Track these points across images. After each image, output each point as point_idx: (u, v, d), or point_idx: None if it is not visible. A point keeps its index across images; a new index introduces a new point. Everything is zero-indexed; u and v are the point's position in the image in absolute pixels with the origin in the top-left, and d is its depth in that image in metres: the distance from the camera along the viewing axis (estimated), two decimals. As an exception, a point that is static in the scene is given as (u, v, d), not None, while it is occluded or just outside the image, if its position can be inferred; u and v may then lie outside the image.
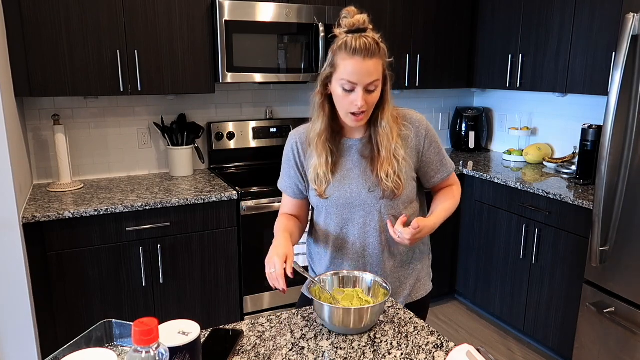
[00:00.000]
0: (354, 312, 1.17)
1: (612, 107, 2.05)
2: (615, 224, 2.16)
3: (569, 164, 3.07)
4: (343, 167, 1.44)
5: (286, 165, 1.52)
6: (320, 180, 1.43)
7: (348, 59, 1.28)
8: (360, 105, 1.30)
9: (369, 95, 1.32)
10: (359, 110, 1.32)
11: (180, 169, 2.88)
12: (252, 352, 1.13)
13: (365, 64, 1.27)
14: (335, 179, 1.43)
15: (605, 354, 2.26)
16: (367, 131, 1.45)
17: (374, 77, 1.30)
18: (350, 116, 1.34)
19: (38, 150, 2.69)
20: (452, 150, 3.79)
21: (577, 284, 2.46)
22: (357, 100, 1.30)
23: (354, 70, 1.28)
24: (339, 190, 1.43)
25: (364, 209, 1.43)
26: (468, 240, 3.22)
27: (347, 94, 1.31)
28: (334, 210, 1.45)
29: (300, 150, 1.48)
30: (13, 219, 2.05)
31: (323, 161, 1.41)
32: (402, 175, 1.40)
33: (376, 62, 1.29)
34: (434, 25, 3.24)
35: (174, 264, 2.48)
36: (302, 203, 1.55)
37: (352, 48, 1.27)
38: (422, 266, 1.57)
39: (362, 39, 1.27)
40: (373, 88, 1.32)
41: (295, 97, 3.28)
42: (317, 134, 1.41)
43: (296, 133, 1.51)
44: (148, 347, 0.77)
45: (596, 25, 2.58)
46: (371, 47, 1.28)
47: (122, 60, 2.45)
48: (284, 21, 2.68)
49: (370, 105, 1.34)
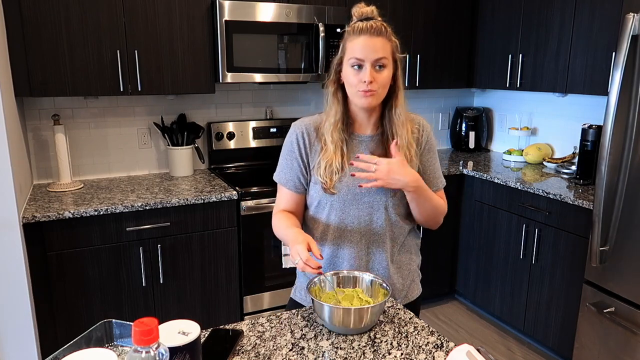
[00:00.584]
0: (354, 312, 1.17)
1: (612, 107, 2.05)
2: (615, 224, 2.16)
3: (569, 164, 3.07)
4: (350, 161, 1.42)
5: (288, 156, 1.46)
6: (332, 172, 1.39)
7: (355, 38, 1.32)
8: (368, 80, 1.31)
9: (378, 73, 1.32)
10: (368, 88, 1.32)
11: (180, 169, 2.88)
12: (252, 352, 1.13)
13: (371, 41, 1.31)
14: (345, 173, 1.40)
15: (605, 354, 2.26)
16: (379, 128, 1.43)
17: (381, 54, 1.31)
18: (359, 93, 1.34)
19: (38, 150, 2.69)
20: (452, 150, 3.79)
21: (577, 284, 2.46)
22: (365, 76, 1.31)
23: (360, 47, 1.31)
24: (348, 185, 1.41)
25: (372, 205, 1.41)
26: (468, 240, 3.22)
27: (357, 72, 1.33)
28: (339, 206, 1.42)
29: (306, 141, 1.44)
30: (13, 219, 2.05)
31: (339, 151, 1.39)
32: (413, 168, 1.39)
33: (383, 41, 1.32)
34: (434, 25, 3.24)
35: (174, 264, 2.48)
36: (301, 198, 1.49)
37: (359, 29, 1.32)
38: (416, 267, 1.57)
39: (369, 22, 1.32)
40: (381, 64, 1.32)
41: (295, 97, 3.28)
42: (331, 123, 1.39)
43: (301, 123, 1.47)
44: (148, 347, 0.77)
45: (596, 25, 2.58)
46: (377, 28, 1.32)
47: (122, 60, 2.46)
48: (284, 21, 2.68)
49: (380, 83, 1.33)
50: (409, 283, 1.53)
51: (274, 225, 1.48)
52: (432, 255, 3.15)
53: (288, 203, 1.49)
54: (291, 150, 1.45)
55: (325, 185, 1.41)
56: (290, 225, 1.39)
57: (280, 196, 1.51)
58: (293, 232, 1.34)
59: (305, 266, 1.23)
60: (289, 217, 1.46)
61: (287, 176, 1.47)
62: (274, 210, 1.52)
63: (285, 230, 1.39)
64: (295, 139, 1.45)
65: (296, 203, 1.49)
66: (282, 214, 1.47)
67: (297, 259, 1.25)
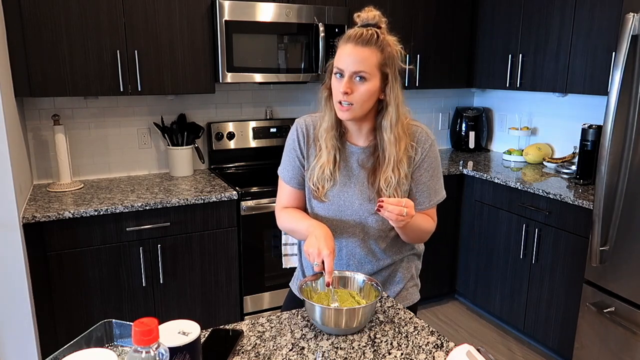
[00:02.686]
0: (346, 312, 1.16)
1: (612, 107, 2.05)
2: (615, 224, 2.16)
3: (569, 164, 3.07)
4: (341, 172, 1.39)
5: (291, 153, 1.45)
6: (325, 180, 1.37)
7: (343, 45, 1.28)
8: (343, 91, 1.24)
9: (357, 85, 1.25)
10: (343, 99, 1.26)
11: (180, 169, 2.88)
12: (252, 352, 1.13)
13: (355, 50, 1.24)
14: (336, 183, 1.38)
15: (605, 354, 2.26)
16: (372, 140, 1.38)
17: (362, 67, 1.23)
18: (338, 105, 1.29)
19: (38, 151, 2.69)
20: (452, 150, 3.79)
21: (577, 284, 2.46)
22: (340, 86, 1.26)
23: (343, 56, 1.26)
24: (338, 196, 1.39)
25: (355, 219, 1.39)
26: (468, 240, 3.22)
27: (338, 81, 1.28)
28: (328, 215, 1.40)
29: (305, 139, 1.42)
30: (13, 219, 2.05)
31: (331, 159, 1.36)
32: (400, 188, 1.35)
33: (370, 51, 1.24)
34: (434, 25, 3.24)
35: (174, 264, 2.48)
36: (303, 194, 1.47)
37: (348, 36, 1.27)
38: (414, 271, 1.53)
39: (360, 30, 1.26)
40: (361, 77, 1.24)
41: (295, 97, 3.28)
42: (324, 129, 1.36)
43: (302, 121, 1.44)
44: (148, 347, 0.77)
45: (596, 25, 2.58)
46: (366, 37, 1.24)
47: (122, 61, 2.45)
48: (284, 21, 2.68)
49: (357, 97, 1.26)
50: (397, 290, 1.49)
51: (281, 220, 1.44)
52: (432, 255, 3.15)
53: (291, 199, 1.47)
54: (292, 147, 1.44)
55: (316, 193, 1.39)
56: (305, 217, 1.37)
57: (283, 192, 1.48)
58: (314, 225, 1.30)
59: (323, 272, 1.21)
60: (296, 211, 1.44)
61: (290, 174, 1.45)
62: (277, 206, 1.49)
63: (300, 222, 1.36)
64: (295, 136, 1.43)
65: (299, 199, 1.47)
66: (289, 209, 1.45)
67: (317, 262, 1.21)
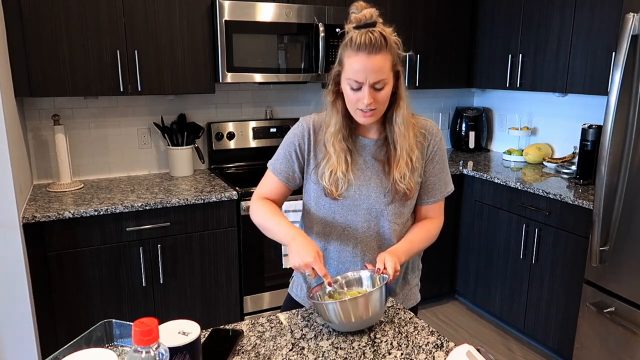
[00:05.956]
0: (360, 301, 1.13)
1: (612, 107, 2.05)
2: (615, 224, 2.16)
3: (569, 164, 3.07)
4: (355, 167, 1.39)
5: (289, 147, 1.43)
6: (338, 181, 1.36)
7: (353, 56, 1.25)
8: (368, 103, 1.27)
9: (378, 93, 1.27)
10: (367, 108, 1.28)
11: (180, 169, 2.88)
12: (252, 352, 1.13)
13: (370, 61, 1.24)
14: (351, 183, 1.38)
15: (605, 354, 2.26)
16: (382, 132, 1.40)
17: (381, 75, 1.25)
18: (359, 112, 1.30)
19: (38, 151, 2.69)
20: (452, 150, 3.79)
21: (577, 284, 2.46)
22: (364, 97, 1.26)
23: (359, 68, 1.25)
24: (353, 195, 1.39)
25: (370, 212, 1.39)
26: (468, 240, 3.22)
27: (355, 92, 1.28)
28: (339, 211, 1.41)
29: (311, 140, 1.41)
30: (13, 219, 2.05)
31: (342, 161, 1.35)
32: (413, 179, 1.37)
33: (383, 57, 1.25)
34: (434, 25, 3.24)
35: (174, 264, 2.48)
36: (287, 191, 1.46)
37: (357, 44, 1.24)
38: (414, 276, 1.55)
39: (367, 35, 1.24)
40: (381, 86, 1.27)
41: (295, 97, 3.28)
42: (332, 134, 1.36)
43: (311, 120, 1.43)
44: (148, 347, 0.77)
45: (596, 25, 2.58)
46: (376, 42, 1.23)
47: (122, 61, 2.45)
48: (284, 21, 2.68)
49: (380, 102, 1.29)
50: (407, 291, 1.51)
51: (256, 211, 1.42)
52: (432, 255, 3.15)
53: (273, 192, 1.45)
54: (292, 142, 1.42)
55: (330, 194, 1.39)
56: (282, 221, 1.35)
57: (267, 182, 1.46)
58: (289, 235, 1.29)
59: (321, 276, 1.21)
60: (274, 207, 1.42)
61: (281, 167, 1.44)
62: (255, 194, 1.47)
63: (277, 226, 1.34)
64: (300, 134, 1.42)
65: (282, 194, 1.46)
66: (267, 202, 1.43)
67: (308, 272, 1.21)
